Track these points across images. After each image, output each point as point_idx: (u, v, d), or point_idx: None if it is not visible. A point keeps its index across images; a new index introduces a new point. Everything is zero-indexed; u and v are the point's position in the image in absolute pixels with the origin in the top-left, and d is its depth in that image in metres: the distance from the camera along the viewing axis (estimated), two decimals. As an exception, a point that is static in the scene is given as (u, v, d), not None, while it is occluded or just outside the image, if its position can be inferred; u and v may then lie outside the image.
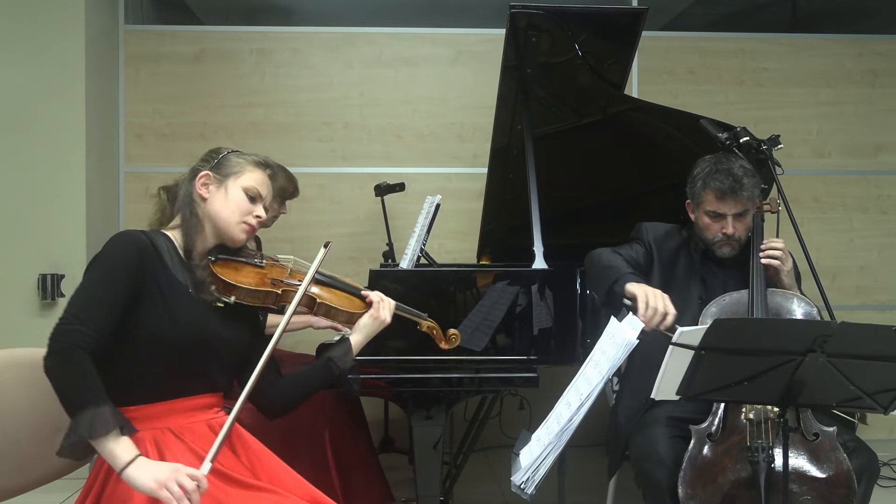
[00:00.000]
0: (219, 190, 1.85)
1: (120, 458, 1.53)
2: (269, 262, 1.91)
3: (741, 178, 2.32)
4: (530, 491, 1.83)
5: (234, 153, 1.90)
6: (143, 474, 1.52)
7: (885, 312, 4.35)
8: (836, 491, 2.03)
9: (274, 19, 4.61)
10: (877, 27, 4.52)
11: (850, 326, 1.67)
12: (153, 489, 1.51)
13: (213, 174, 1.85)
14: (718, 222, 2.38)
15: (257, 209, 1.87)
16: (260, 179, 1.89)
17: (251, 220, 1.86)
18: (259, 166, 1.90)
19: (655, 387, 1.87)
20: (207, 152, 1.94)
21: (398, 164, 4.22)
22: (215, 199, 1.84)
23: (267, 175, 1.91)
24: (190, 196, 1.83)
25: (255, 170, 1.89)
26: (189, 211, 1.82)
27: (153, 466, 1.55)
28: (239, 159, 1.89)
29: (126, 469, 1.53)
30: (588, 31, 2.91)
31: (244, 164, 1.88)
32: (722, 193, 2.33)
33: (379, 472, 2.98)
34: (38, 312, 3.67)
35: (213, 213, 1.83)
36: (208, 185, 1.85)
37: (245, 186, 1.86)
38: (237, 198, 1.84)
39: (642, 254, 2.51)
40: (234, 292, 1.78)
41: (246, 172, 1.87)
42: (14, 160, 3.70)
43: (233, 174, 1.86)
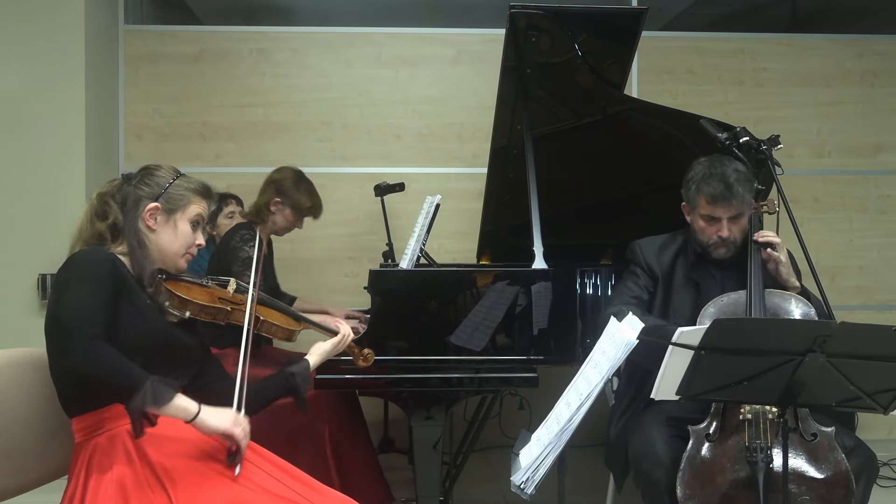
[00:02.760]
0: (167, 223, 1.87)
1: (188, 410, 1.67)
2: (213, 283, 1.98)
3: (733, 185, 2.32)
4: (530, 491, 1.83)
5: (178, 180, 1.90)
6: (216, 418, 1.69)
7: (885, 312, 4.35)
8: (835, 491, 2.03)
9: (273, 19, 4.61)
10: (877, 27, 4.52)
11: (849, 326, 1.67)
12: (228, 427, 1.69)
13: (162, 207, 1.86)
14: (713, 225, 2.38)
15: (199, 238, 1.93)
16: (203, 209, 1.93)
17: (193, 250, 1.92)
18: (203, 196, 1.93)
19: (655, 387, 1.87)
20: (144, 174, 1.91)
21: (398, 164, 4.22)
22: (163, 233, 1.87)
23: (207, 203, 1.94)
24: (136, 228, 1.84)
25: (200, 200, 1.92)
26: (137, 242, 1.84)
27: (218, 411, 1.71)
28: (184, 191, 1.90)
29: (198, 417, 1.67)
30: (588, 31, 2.91)
31: (190, 197, 1.90)
32: (714, 199, 2.34)
33: (379, 472, 2.98)
34: (38, 312, 3.67)
35: (160, 245, 1.87)
36: (155, 217, 1.86)
37: (191, 218, 1.90)
38: (184, 232, 1.89)
39: (645, 280, 2.49)
40: (189, 308, 1.88)
41: (192, 205, 1.90)
42: (14, 160, 3.70)
43: (180, 208, 1.88)
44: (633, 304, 2.40)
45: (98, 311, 1.67)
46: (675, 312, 2.42)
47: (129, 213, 1.86)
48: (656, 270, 2.49)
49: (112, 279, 1.73)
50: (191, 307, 1.88)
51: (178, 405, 1.67)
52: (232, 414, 1.72)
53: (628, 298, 2.44)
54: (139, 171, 1.92)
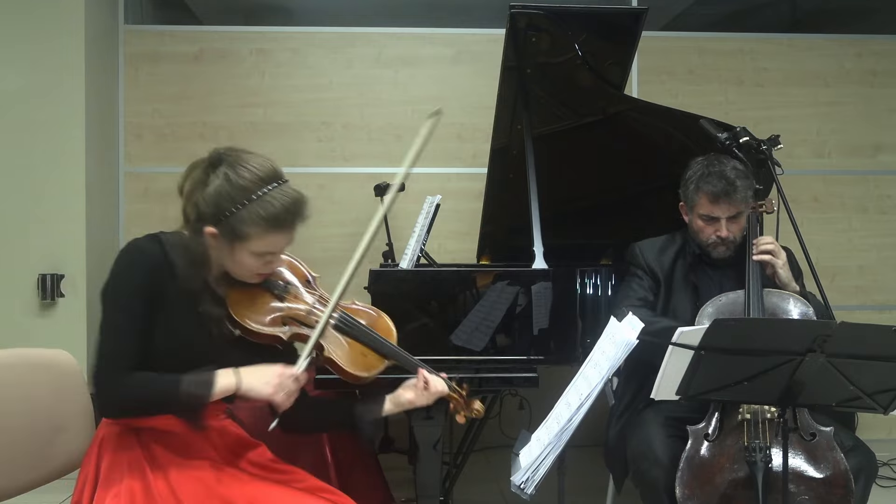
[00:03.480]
0: (227, 249, 1.66)
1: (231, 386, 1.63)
2: (292, 292, 1.76)
3: (734, 181, 2.32)
4: (530, 491, 1.84)
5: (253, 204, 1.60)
6: (258, 383, 1.64)
7: (885, 312, 4.35)
8: (834, 491, 2.03)
9: (273, 19, 4.61)
10: (876, 27, 4.52)
11: (849, 326, 1.67)
12: (270, 394, 1.64)
13: (220, 233, 1.64)
14: (712, 225, 2.38)
15: (271, 265, 1.72)
16: (273, 243, 1.66)
17: (264, 270, 1.72)
18: (274, 230, 1.64)
19: (655, 387, 1.88)
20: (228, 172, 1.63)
21: (398, 165, 4.20)
22: (222, 256, 1.68)
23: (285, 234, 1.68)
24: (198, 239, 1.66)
25: (268, 234, 1.64)
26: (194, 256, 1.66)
27: (260, 373, 1.65)
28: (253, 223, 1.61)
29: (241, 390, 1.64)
30: (588, 32, 2.91)
31: (255, 230, 1.62)
32: (715, 197, 2.33)
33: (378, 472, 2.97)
34: (38, 312, 3.67)
35: (224, 263, 1.70)
36: (216, 240, 1.66)
37: (254, 252, 1.66)
38: (243, 262, 1.67)
39: (649, 282, 2.49)
40: (239, 328, 1.71)
41: (255, 239, 1.63)
42: (14, 160, 3.70)
43: (239, 241, 1.63)
44: (641, 307, 2.39)
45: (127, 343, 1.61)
46: (674, 313, 2.42)
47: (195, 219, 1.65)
48: (658, 272, 2.49)
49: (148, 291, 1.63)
50: (241, 329, 1.69)
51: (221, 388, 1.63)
52: (275, 376, 1.64)
53: (635, 301, 2.43)
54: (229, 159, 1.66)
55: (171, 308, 1.66)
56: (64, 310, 3.66)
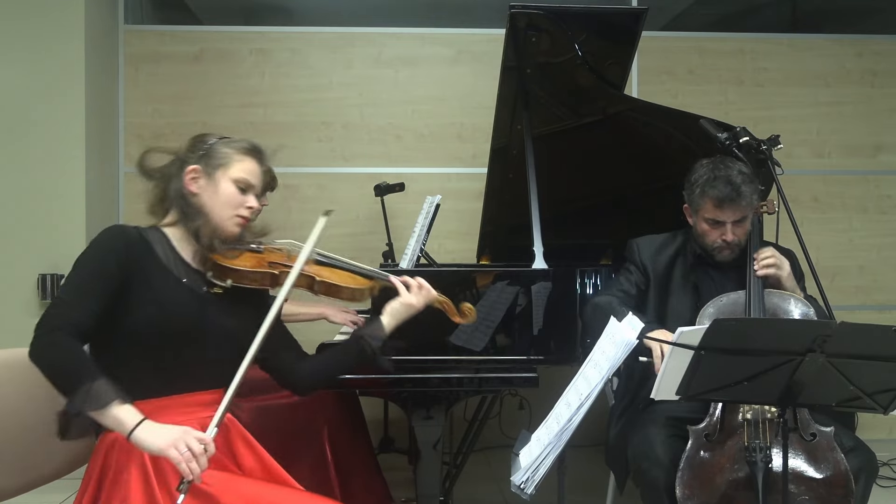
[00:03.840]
0: (209, 184, 1.80)
1: (126, 422, 1.54)
2: (267, 248, 1.89)
3: (740, 186, 2.29)
4: (530, 491, 1.83)
5: (221, 141, 1.85)
6: (152, 436, 1.53)
7: (885, 312, 4.35)
8: (834, 491, 2.03)
9: (273, 19, 4.61)
10: (877, 27, 4.52)
11: (849, 326, 1.67)
12: (163, 448, 1.52)
13: (202, 167, 1.81)
14: (718, 229, 2.37)
15: (249, 200, 1.83)
16: (249, 168, 1.84)
17: (244, 212, 1.82)
18: (248, 154, 1.85)
19: (655, 387, 1.88)
20: (193, 140, 1.87)
21: (398, 164, 4.22)
22: (205, 194, 1.80)
23: (257, 163, 1.86)
24: (181, 192, 1.80)
25: (244, 158, 1.84)
26: (185, 210, 1.79)
27: (161, 428, 1.55)
28: (226, 149, 1.84)
29: (134, 432, 1.53)
30: (588, 31, 2.91)
31: (232, 154, 1.83)
32: (720, 202, 2.31)
33: (378, 472, 2.98)
34: (38, 312, 3.64)
35: (204, 209, 1.80)
36: (197, 180, 1.81)
37: (235, 178, 1.82)
38: (228, 191, 1.81)
39: (637, 277, 2.50)
40: (230, 275, 1.78)
41: (234, 163, 1.82)
42: (14, 160, 3.70)
43: (221, 167, 1.81)
44: (619, 298, 2.43)
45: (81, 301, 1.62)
46: (673, 314, 2.42)
47: (173, 179, 1.81)
48: (649, 270, 2.50)
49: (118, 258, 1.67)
50: (232, 275, 1.77)
51: (114, 415, 1.53)
52: (175, 433, 1.53)
53: (616, 291, 2.48)
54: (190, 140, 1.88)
55: (151, 282, 1.70)
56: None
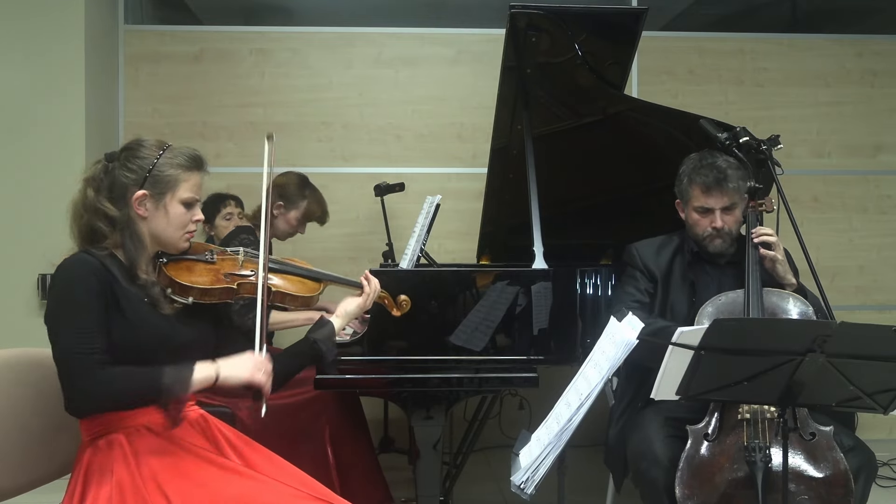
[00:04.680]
0: (157, 209, 1.77)
1: (210, 377, 1.68)
2: (219, 257, 1.89)
3: (725, 171, 2.35)
4: (530, 491, 1.83)
5: (164, 160, 1.78)
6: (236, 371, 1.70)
7: (885, 312, 4.35)
8: (834, 490, 2.03)
9: (273, 19, 4.61)
10: (877, 27, 4.52)
11: (849, 326, 1.67)
12: (252, 374, 1.70)
13: (149, 192, 1.76)
14: (707, 217, 2.40)
15: (196, 214, 1.83)
16: (195, 184, 1.82)
17: (191, 227, 1.83)
18: (192, 168, 1.81)
19: (655, 387, 1.88)
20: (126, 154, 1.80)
21: (398, 164, 4.22)
22: (155, 219, 1.78)
23: (200, 174, 1.83)
24: (127, 218, 1.75)
25: (190, 175, 1.80)
26: (130, 234, 1.75)
27: (236, 362, 1.71)
28: (172, 170, 1.78)
29: (219, 378, 1.68)
30: (588, 32, 2.91)
31: (179, 175, 1.78)
32: (707, 187, 2.36)
33: (378, 472, 2.98)
34: (38, 312, 3.67)
35: (155, 232, 1.79)
36: (144, 204, 1.77)
37: (183, 199, 1.79)
38: (177, 213, 1.79)
39: (645, 283, 2.49)
40: (191, 293, 1.80)
41: (181, 183, 1.79)
42: (14, 160, 3.70)
43: (169, 191, 1.78)
44: (637, 308, 2.37)
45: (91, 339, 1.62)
46: (672, 312, 2.42)
47: (116, 202, 1.76)
48: (655, 272, 2.49)
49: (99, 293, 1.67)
50: (193, 293, 1.79)
51: (200, 379, 1.67)
52: (250, 360, 1.71)
53: (631, 303, 2.43)
54: (121, 151, 1.82)
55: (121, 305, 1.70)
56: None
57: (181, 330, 1.78)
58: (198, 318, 1.83)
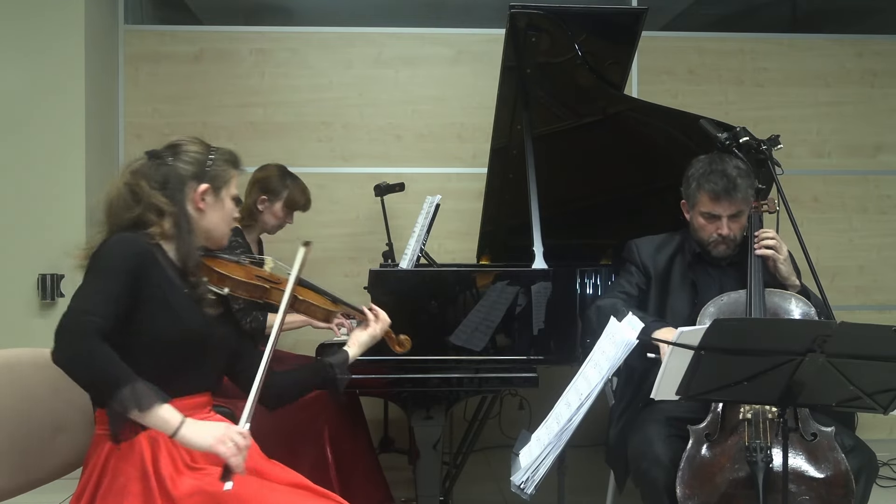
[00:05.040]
0: (216, 203, 1.83)
1: (171, 422, 1.57)
2: (249, 261, 1.95)
3: (735, 179, 2.32)
4: (530, 491, 1.84)
5: (220, 157, 1.85)
6: (198, 434, 1.58)
7: (885, 312, 4.35)
8: (834, 491, 2.03)
9: (273, 19, 4.61)
10: (877, 27, 4.52)
11: (849, 326, 1.67)
12: (211, 445, 1.57)
13: (210, 186, 1.82)
14: (713, 223, 2.38)
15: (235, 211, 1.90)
16: (238, 181, 1.91)
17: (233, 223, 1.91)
18: (237, 166, 1.90)
19: (655, 387, 1.88)
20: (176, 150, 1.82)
21: (398, 164, 4.22)
22: (213, 213, 1.83)
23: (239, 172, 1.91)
24: (184, 212, 1.78)
25: (237, 172, 1.89)
26: (186, 227, 1.77)
27: (204, 425, 1.61)
28: (224, 166, 1.85)
29: (179, 431, 1.57)
30: (588, 31, 2.91)
31: (229, 171, 1.86)
32: (716, 195, 2.34)
33: (378, 472, 2.98)
34: (38, 312, 3.67)
35: (210, 225, 1.83)
36: (206, 198, 1.81)
37: (233, 194, 1.87)
38: (230, 209, 1.87)
39: (638, 278, 2.50)
40: (227, 283, 1.83)
41: (232, 179, 1.87)
42: (14, 160, 3.70)
43: (224, 185, 1.85)
44: (622, 299, 2.42)
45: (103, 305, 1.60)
46: (672, 312, 2.42)
47: (174, 195, 1.77)
48: (650, 269, 2.50)
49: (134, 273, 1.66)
50: (229, 283, 1.83)
51: (160, 415, 1.56)
52: (219, 429, 1.59)
53: (618, 293, 2.47)
54: (168, 148, 1.84)
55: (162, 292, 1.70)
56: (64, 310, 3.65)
57: (218, 330, 1.81)
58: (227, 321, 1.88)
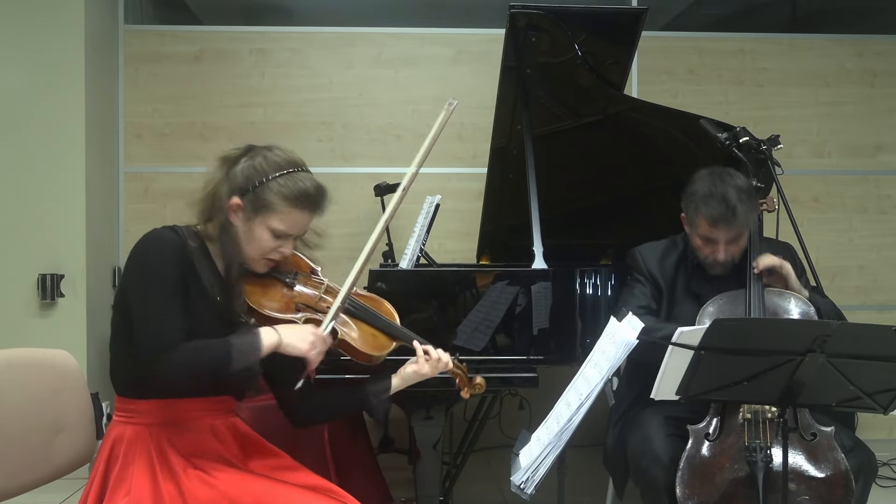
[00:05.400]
0: (245, 223, 1.72)
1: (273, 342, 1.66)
2: (301, 283, 1.82)
3: (735, 207, 2.24)
4: (530, 491, 1.84)
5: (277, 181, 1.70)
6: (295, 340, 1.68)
7: (885, 312, 4.35)
8: (834, 491, 2.03)
9: (273, 19, 4.61)
10: (877, 27, 4.52)
11: (849, 326, 1.68)
12: (304, 351, 1.68)
13: (245, 204, 1.71)
14: (710, 246, 2.34)
15: (283, 246, 1.76)
16: (293, 220, 1.73)
17: (274, 255, 1.77)
18: (298, 205, 1.72)
19: (655, 387, 1.88)
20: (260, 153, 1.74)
21: (398, 164, 4.22)
22: (240, 231, 1.73)
23: (308, 213, 1.76)
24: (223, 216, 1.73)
25: (292, 210, 1.72)
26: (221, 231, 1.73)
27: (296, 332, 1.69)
28: (276, 198, 1.70)
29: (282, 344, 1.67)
30: (588, 31, 2.92)
31: (278, 205, 1.70)
32: (714, 221, 2.27)
33: (377, 472, 2.97)
34: (38, 312, 3.67)
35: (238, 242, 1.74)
36: (237, 213, 1.73)
37: (273, 228, 1.72)
38: (261, 238, 1.73)
39: (651, 289, 2.46)
40: (253, 315, 1.75)
41: (277, 213, 1.71)
42: (14, 160, 3.69)
43: (261, 214, 1.71)
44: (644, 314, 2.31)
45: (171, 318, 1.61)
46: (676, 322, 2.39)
47: (221, 197, 1.72)
48: (659, 280, 2.46)
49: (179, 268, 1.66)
50: (256, 316, 1.73)
51: (267, 344, 1.65)
52: (310, 335, 1.69)
53: (637, 309, 2.34)
54: (262, 148, 1.76)
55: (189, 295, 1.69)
56: (64, 310, 3.66)
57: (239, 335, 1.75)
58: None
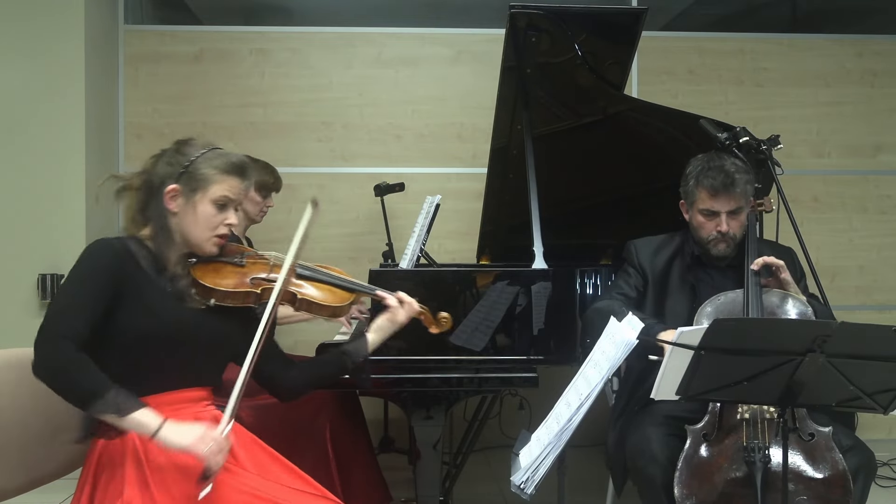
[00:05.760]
0: (187, 205, 1.76)
1: (150, 425, 1.59)
2: (249, 260, 1.87)
3: (733, 175, 2.32)
4: (530, 491, 1.83)
5: (203, 158, 1.78)
6: (177, 435, 1.58)
7: (885, 312, 4.35)
8: (833, 491, 2.03)
9: (273, 19, 4.61)
10: (877, 27, 4.52)
11: (849, 326, 1.67)
12: (190, 446, 1.57)
13: (181, 187, 1.76)
14: (712, 220, 2.37)
15: (228, 217, 1.80)
16: (230, 186, 1.79)
17: (222, 230, 1.80)
18: (230, 173, 1.79)
19: (655, 387, 1.88)
20: (174, 150, 1.81)
21: (398, 164, 4.22)
22: (184, 216, 1.77)
23: (239, 179, 1.81)
24: (160, 210, 1.76)
25: (226, 178, 1.79)
26: (160, 226, 1.76)
27: (183, 427, 1.60)
28: (208, 169, 1.77)
29: (159, 432, 1.58)
30: (588, 32, 2.91)
31: (213, 175, 1.77)
32: (715, 191, 2.33)
33: (377, 472, 2.98)
34: (38, 312, 3.67)
35: (184, 230, 1.78)
36: (176, 199, 1.77)
37: (214, 199, 1.77)
38: (206, 213, 1.77)
39: (636, 280, 2.50)
40: (213, 295, 1.78)
41: (214, 184, 1.77)
42: (14, 160, 3.70)
43: (200, 189, 1.76)
44: (620, 301, 2.42)
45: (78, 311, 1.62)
46: (670, 314, 2.41)
47: (153, 193, 1.76)
48: (647, 271, 2.50)
49: (110, 272, 1.67)
50: (215, 294, 1.76)
51: (138, 420, 1.59)
52: (198, 431, 1.59)
53: (615, 294, 2.48)
54: (174, 144, 1.82)
55: (142, 292, 1.71)
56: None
57: (209, 325, 1.78)
58: (227, 317, 1.81)
